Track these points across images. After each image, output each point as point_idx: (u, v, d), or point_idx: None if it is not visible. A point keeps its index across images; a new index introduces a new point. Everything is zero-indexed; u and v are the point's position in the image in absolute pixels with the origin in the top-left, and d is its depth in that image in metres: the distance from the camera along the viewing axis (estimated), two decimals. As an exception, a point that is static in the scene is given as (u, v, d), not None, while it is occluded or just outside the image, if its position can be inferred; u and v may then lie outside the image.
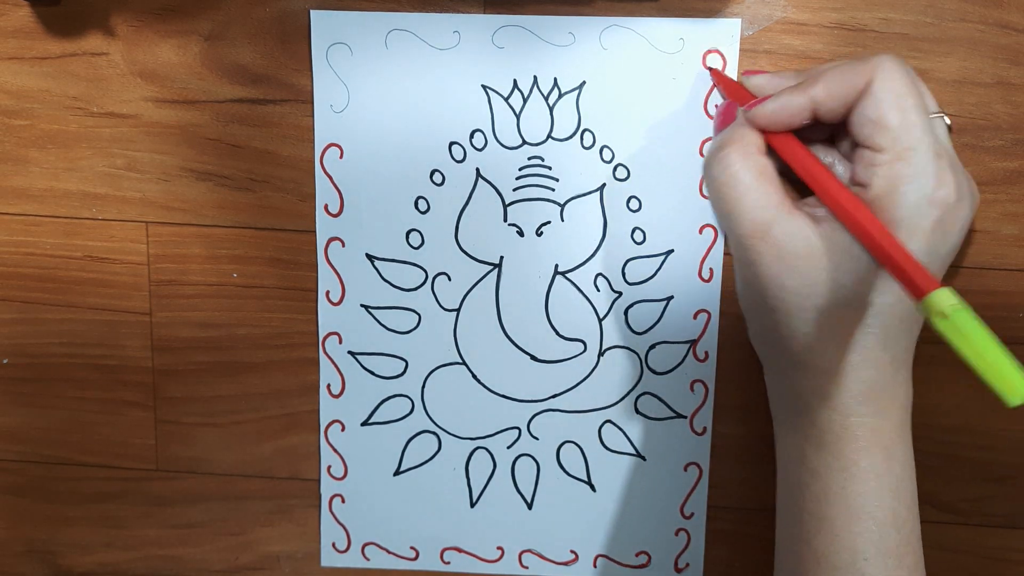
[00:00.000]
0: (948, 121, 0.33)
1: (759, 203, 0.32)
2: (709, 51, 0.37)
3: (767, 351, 0.35)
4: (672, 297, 0.39)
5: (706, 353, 0.40)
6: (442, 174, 0.39)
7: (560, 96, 0.38)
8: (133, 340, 0.42)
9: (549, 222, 0.39)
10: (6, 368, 0.43)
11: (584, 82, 0.38)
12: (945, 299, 0.26)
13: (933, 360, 0.39)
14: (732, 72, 0.37)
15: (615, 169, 0.38)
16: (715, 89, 0.37)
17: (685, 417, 0.40)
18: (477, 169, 0.39)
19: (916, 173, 0.30)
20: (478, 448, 0.42)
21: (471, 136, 0.39)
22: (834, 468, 0.32)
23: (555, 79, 0.38)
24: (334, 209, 0.40)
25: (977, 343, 0.25)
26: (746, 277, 0.33)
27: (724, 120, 0.36)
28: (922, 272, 0.28)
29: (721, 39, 0.37)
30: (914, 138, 0.30)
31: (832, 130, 0.34)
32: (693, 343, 0.40)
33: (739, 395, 0.40)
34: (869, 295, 0.31)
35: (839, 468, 0.32)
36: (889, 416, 0.32)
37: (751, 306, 0.34)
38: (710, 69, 0.37)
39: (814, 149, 0.34)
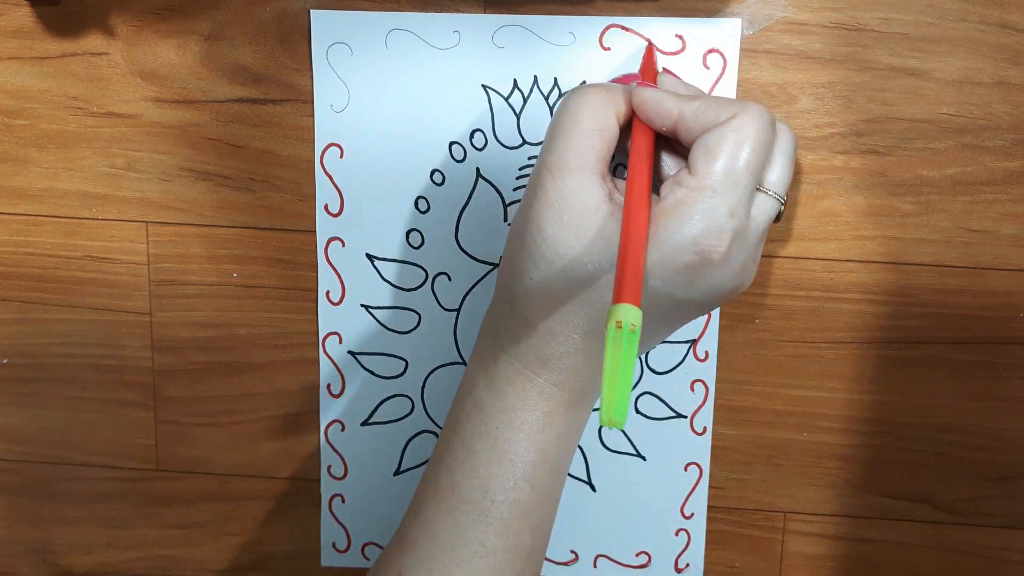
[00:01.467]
0: (782, 209, 0.33)
1: (577, 148, 0.32)
2: (709, 51, 0.37)
3: (502, 277, 0.35)
4: (672, 297, 0.39)
5: (706, 353, 0.40)
6: (442, 174, 0.39)
7: (560, 96, 0.38)
8: (133, 340, 0.42)
9: (549, 222, 0.39)
10: (6, 368, 0.43)
11: (584, 82, 0.38)
12: (626, 315, 0.26)
13: (932, 361, 0.39)
14: (732, 72, 0.37)
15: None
16: (714, 89, 0.37)
17: (685, 417, 0.40)
18: (477, 169, 0.39)
19: (698, 213, 0.30)
20: (478, 448, 0.41)
21: (471, 136, 0.39)
22: (496, 407, 0.33)
23: (555, 79, 0.38)
24: (334, 209, 0.40)
25: (616, 363, 0.26)
26: (524, 202, 0.34)
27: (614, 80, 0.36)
28: (633, 284, 0.28)
29: (721, 39, 0.37)
30: (721, 184, 0.30)
31: None
32: (693, 343, 0.40)
33: (739, 395, 0.40)
34: (601, 286, 0.31)
35: (499, 409, 0.33)
36: (564, 390, 0.33)
37: (513, 230, 0.34)
38: (648, 42, 0.37)
39: None
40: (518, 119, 0.38)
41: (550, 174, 0.32)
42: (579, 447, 0.41)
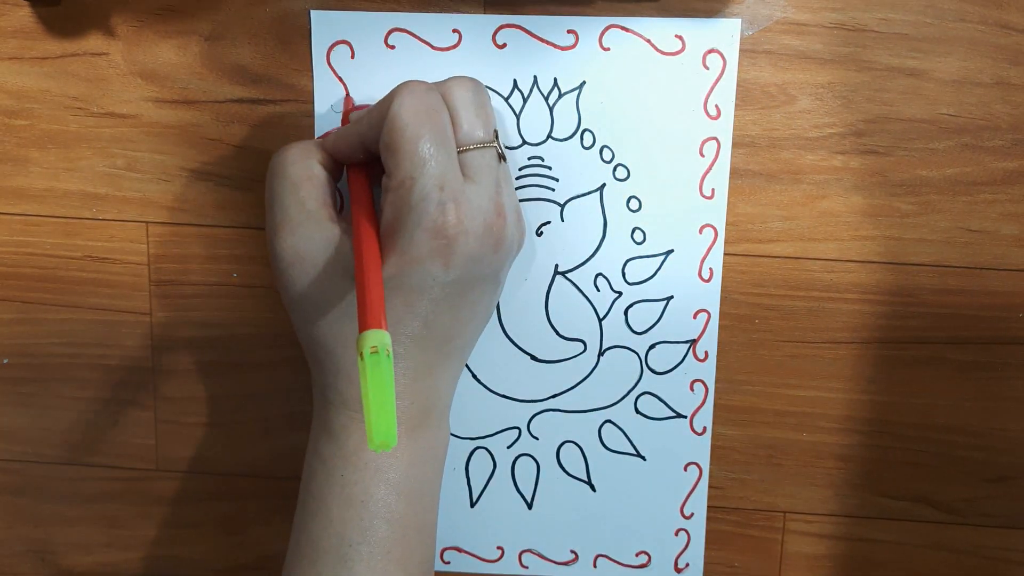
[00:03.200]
0: (501, 151, 0.33)
1: (295, 202, 0.33)
2: (709, 51, 0.37)
3: (302, 343, 0.36)
4: (672, 297, 0.39)
5: (706, 353, 0.40)
6: (442, 174, 0.39)
7: (560, 96, 0.38)
8: (133, 340, 0.42)
9: (549, 222, 0.39)
10: (6, 368, 0.43)
11: (584, 82, 0.38)
12: (374, 340, 0.27)
13: (932, 361, 0.39)
14: (732, 72, 0.37)
15: (615, 169, 0.38)
16: (713, 89, 0.37)
17: (685, 417, 0.40)
18: (477, 169, 0.39)
19: (413, 203, 0.31)
20: (478, 448, 0.42)
21: (471, 136, 0.39)
22: (338, 456, 0.34)
23: (555, 79, 0.38)
24: (334, 209, 0.40)
25: (373, 389, 0.26)
26: (274, 271, 0.34)
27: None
28: (375, 309, 0.28)
29: (721, 39, 0.37)
30: (414, 167, 0.31)
31: None
32: (693, 343, 0.40)
33: (739, 395, 0.40)
34: None
35: (342, 456, 0.34)
36: (400, 420, 0.33)
37: (284, 301, 0.35)
38: (344, 89, 0.38)
39: None
40: (518, 119, 0.38)
41: (277, 235, 0.33)
42: (579, 447, 0.41)
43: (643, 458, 0.41)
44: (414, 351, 0.34)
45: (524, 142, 0.39)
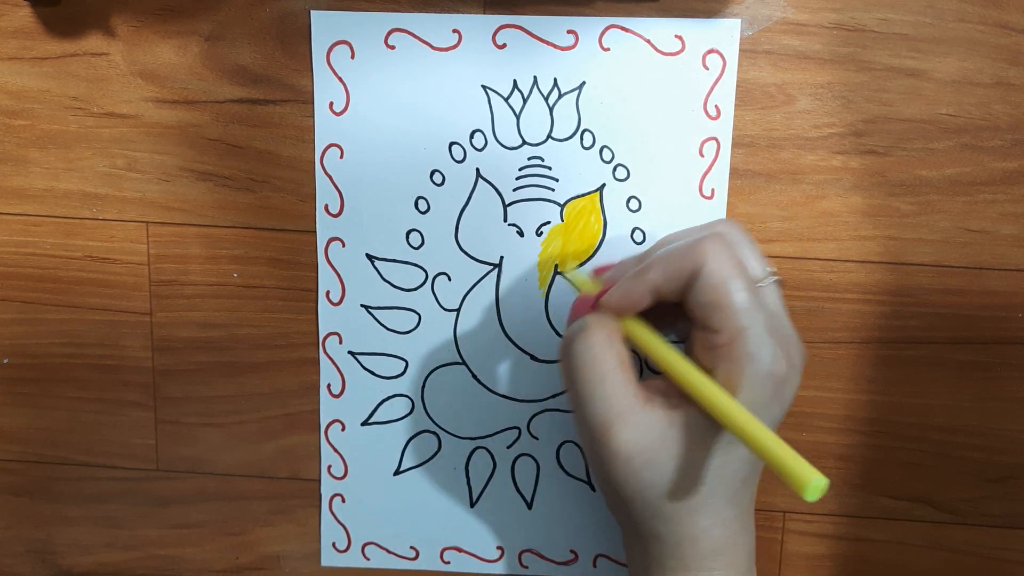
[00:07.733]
0: (778, 277, 0.33)
1: (617, 391, 0.32)
2: (709, 51, 0.37)
3: (623, 520, 0.35)
4: (672, 297, 0.39)
5: (706, 353, 0.40)
6: (442, 174, 0.39)
7: (560, 96, 0.38)
8: (133, 340, 0.42)
9: (549, 222, 0.39)
10: (6, 368, 0.43)
11: (584, 82, 0.38)
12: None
13: (931, 360, 0.39)
14: (732, 72, 0.37)
15: (615, 169, 0.39)
16: (713, 90, 0.37)
17: (685, 417, 0.40)
18: (477, 169, 0.39)
19: (753, 352, 0.31)
20: (478, 448, 0.42)
21: (471, 136, 0.39)
22: None
23: (555, 79, 0.38)
24: (334, 209, 0.40)
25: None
26: (596, 466, 0.34)
27: (576, 312, 0.35)
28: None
29: (721, 39, 0.37)
30: (746, 318, 0.31)
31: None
32: (693, 343, 0.40)
33: (739, 395, 0.40)
34: (716, 464, 0.32)
35: None
36: (737, 565, 0.34)
37: (604, 488, 0.34)
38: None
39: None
40: (518, 120, 0.38)
41: (611, 432, 0.32)
42: (579, 447, 0.41)
43: (643, 458, 0.41)
44: (744, 494, 0.34)
45: (524, 142, 0.39)
